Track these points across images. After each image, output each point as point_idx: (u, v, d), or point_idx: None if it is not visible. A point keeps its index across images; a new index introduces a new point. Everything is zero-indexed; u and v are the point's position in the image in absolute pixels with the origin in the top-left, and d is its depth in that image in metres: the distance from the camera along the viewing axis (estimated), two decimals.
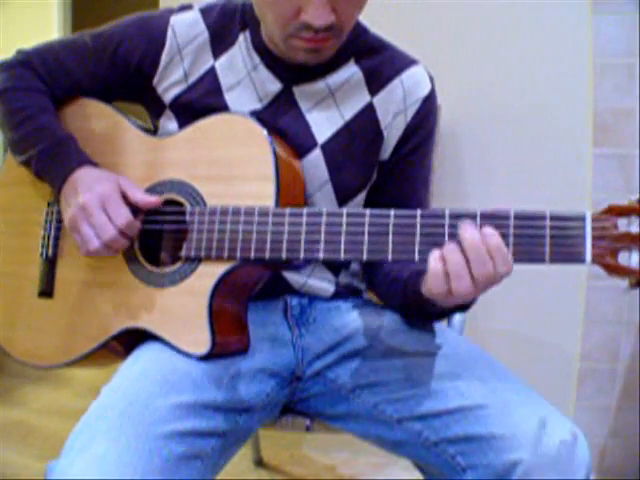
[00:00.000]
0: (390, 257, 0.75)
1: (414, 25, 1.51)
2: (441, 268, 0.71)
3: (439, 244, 0.73)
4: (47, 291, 0.98)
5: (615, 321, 1.51)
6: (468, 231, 0.70)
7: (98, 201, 0.85)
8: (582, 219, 0.69)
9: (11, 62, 0.99)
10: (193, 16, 0.95)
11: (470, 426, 0.79)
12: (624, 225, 0.68)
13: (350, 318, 0.96)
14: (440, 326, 0.96)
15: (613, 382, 1.53)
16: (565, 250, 0.69)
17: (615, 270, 0.68)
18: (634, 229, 0.67)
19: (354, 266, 1.02)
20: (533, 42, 1.47)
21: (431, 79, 0.98)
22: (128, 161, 0.94)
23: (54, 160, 0.92)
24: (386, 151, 0.96)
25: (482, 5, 1.48)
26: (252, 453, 1.67)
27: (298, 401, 0.96)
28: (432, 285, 0.72)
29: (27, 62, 0.98)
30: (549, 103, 1.47)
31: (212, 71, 0.94)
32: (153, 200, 0.88)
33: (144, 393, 0.77)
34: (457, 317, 1.14)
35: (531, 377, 0.88)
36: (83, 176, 0.89)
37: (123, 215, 0.85)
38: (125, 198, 0.87)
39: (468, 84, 1.50)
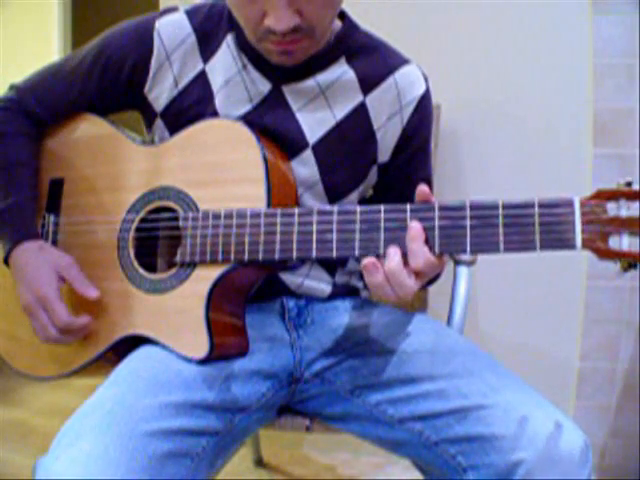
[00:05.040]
0: (382, 252, 0.75)
1: (414, 25, 1.51)
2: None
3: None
4: None
5: (615, 321, 1.51)
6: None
7: (38, 304, 0.89)
8: (571, 204, 0.68)
9: None
10: (178, 18, 0.93)
11: (472, 426, 0.78)
12: (613, 209, 0.67)
13: (348, 319, 0.96)
14: (440, 326, 0.96)
15: (613, 382, 1.53)
16: (555, 237, 0.68)
17: (606, 254, 0.67)
18: (623, 213, 0.67)
19: (350, 265, 1.02)
20: (533, 42, 1.47)
21: (425, 78, 0.96)
22: (121, 170, 0.94)
23: (4, 224, 0.95)
24: (384, 154, 0.95)
25: (482, 5, 1.48)
26: (252, 453, 1.67)
27: (298, 402, 0.96)
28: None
29: (15, 100, 1.00)
30: (549, 103, 1.47)
31: (203, 75, 0.93)
32: (92, 294, 0.90)
33: (133, 392, 0.77)
34: (457, 317, 1.14)
35: (531, 377, 0.88)
36: (23, 263, 0.92)
37: (60, 316, 0.88)
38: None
39: (468, 84, 1.50)
